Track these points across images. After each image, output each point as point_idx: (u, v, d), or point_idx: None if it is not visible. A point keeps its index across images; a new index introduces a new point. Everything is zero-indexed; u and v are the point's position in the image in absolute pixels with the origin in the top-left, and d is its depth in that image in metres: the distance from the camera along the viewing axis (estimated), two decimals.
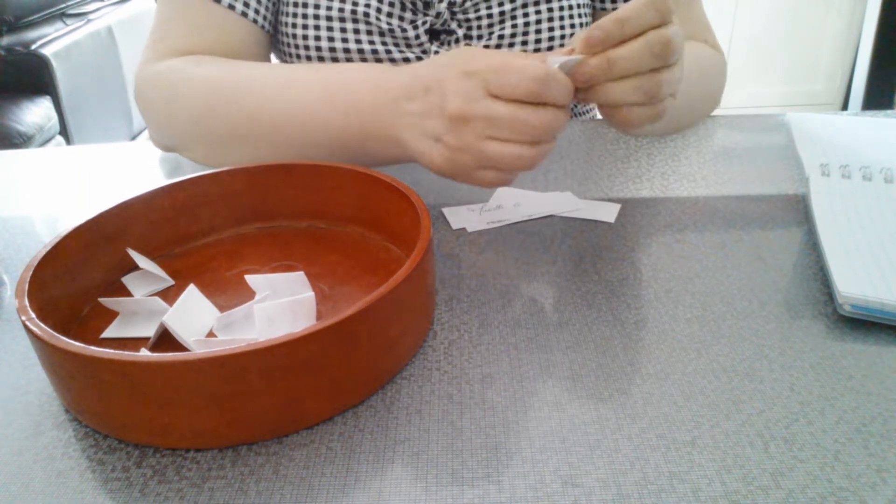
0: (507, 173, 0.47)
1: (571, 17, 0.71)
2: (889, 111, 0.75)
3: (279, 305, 0.41)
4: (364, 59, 0.68)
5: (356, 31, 0.67)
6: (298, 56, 0.70)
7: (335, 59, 0.68)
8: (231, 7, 0.66)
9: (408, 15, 0.67)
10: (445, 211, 0.57)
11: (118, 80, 2.45)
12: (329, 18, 0.67)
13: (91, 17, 2.38)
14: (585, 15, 0.73)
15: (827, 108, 2.73)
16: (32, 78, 2.04)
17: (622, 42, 0.44)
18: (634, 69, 0.44)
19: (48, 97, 2.07)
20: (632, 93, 0.45)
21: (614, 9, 0.73)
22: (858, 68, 2.59)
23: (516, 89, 0.44)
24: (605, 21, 0.43)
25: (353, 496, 0.33)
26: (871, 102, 2.54)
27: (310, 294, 0.42)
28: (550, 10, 0.70)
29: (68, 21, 2.29)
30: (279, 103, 0.57)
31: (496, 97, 0.44)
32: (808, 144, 0.66)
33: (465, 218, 0.56)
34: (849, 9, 2.56)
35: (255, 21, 0.67)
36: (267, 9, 0.69)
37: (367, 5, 0.66)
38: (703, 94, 0.71)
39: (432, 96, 0.48)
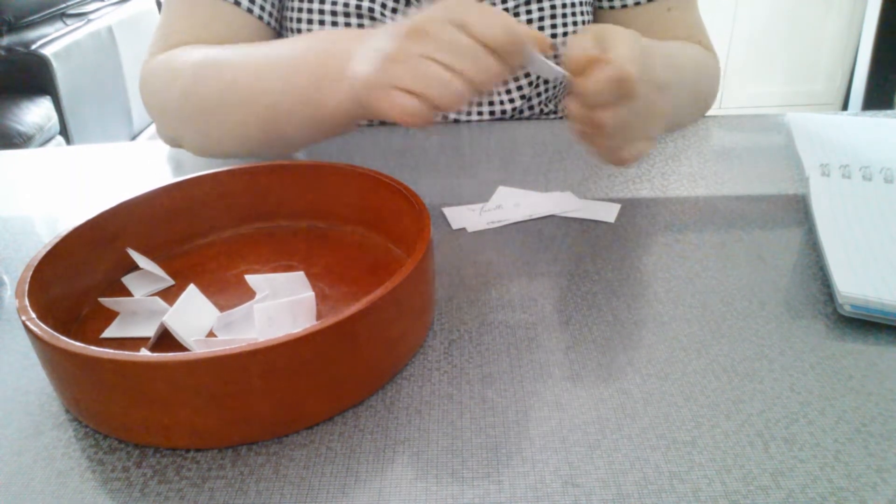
0: (421, 105, 0.44)
1: (574, 14, 0.71)
2: (889, 111, 0.75)
3: (279, 305, 0.41)
4: None
5: (360, 27, 0.67)
6: None
7: None
8: (237, 3, 0.66)
9: (412, 11, 0.68)
10: (445, 211, 0.57)
11: (118, 80, 2.45)
12: (333, 13, 0.67)
13: (91, 17, 2.38)
14: (587, 13, 0.73)
15: (827, 108, 2.73)
16: (32, 78, 2.04)
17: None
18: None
19: (48, 97, 2.07)
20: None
21: (611, 7, 0.74)
22: (858, 68, 2.59)
23: (487, 29, 0.44)
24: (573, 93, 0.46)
25: (353, 496, 0.33)
26: (871, 102, 2.54)
27: (310, 294, 0.42)
28: (553, 7, 0.70)
29: (68, 21, 2.29)
30: (255, 65, 0.57)
31: (462, 29, 0.44)
32: (808, 144, 0.66)
33: (465, 218, 0.56)
34: (849, 9, 2.56)
35: (260, 17, 0.67)
36: (272, 5, 0.69)
37: (372, 0, 0.66)
38: (696, 92, 0.72)
39: (401, 24, 0.46)
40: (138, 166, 0.71)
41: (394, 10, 0.67)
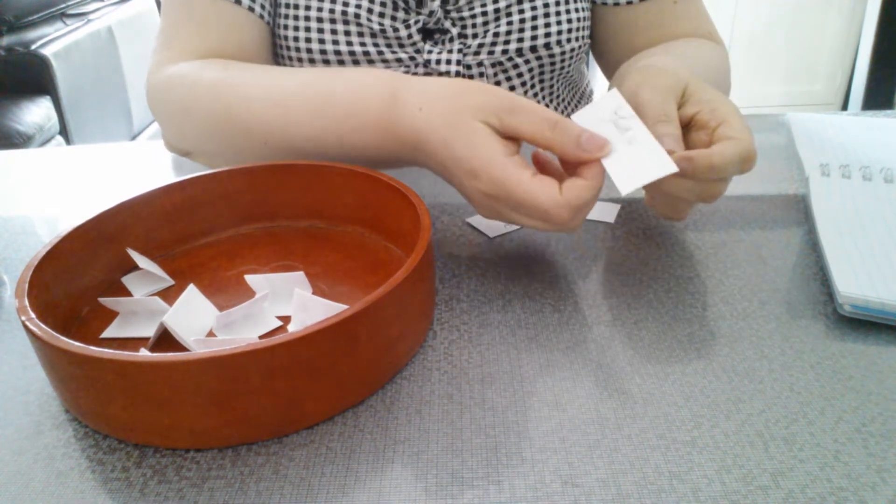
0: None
1: (568, 11, 0.70)
2: (889, 111, 0.75)
3: (316, 300, 0.41)
4: (356, 62, 0.67)
5: (347, 33, 0.66)
6: (290, 59, 0.69)
7: (327, 62, 0.68)
8: (237, 2, 0.65)
9: (400, 14, 0.67)
10: (470, 220, 0.56)
11: (118, 80, 2.45)
12: (320, 20, 0.66)
13: (91, 17, 2.38)
14: (584, 10, 0.72)
15: (827, 108, 2.73)
16: (32, 78, 2.04)
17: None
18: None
19: (48, 97, 2.07)
20: (688, 192, 0.47)
21: (616, 4, 0.73)
22: (858, 68, 2.59)
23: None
24: (698, 162, 0.45)
25: (353, 496, 0.33)
26: (871, 102, 2.54)
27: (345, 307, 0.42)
28: (546, 5, 0.69)
29: (68, 21, 2.29)
30: (270, 116, 0.56)
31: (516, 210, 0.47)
32: (808, 144, 0.66)
33: (485, 222, 0.55)
34: (849, 9, 2.56)
35: (261, 16, 0.67)
36: (272, 5, 0.68)
37: (358, 6, 0.66)
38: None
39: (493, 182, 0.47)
40: (138, 166, 0.71)
41: (381, 15, 0.66)
